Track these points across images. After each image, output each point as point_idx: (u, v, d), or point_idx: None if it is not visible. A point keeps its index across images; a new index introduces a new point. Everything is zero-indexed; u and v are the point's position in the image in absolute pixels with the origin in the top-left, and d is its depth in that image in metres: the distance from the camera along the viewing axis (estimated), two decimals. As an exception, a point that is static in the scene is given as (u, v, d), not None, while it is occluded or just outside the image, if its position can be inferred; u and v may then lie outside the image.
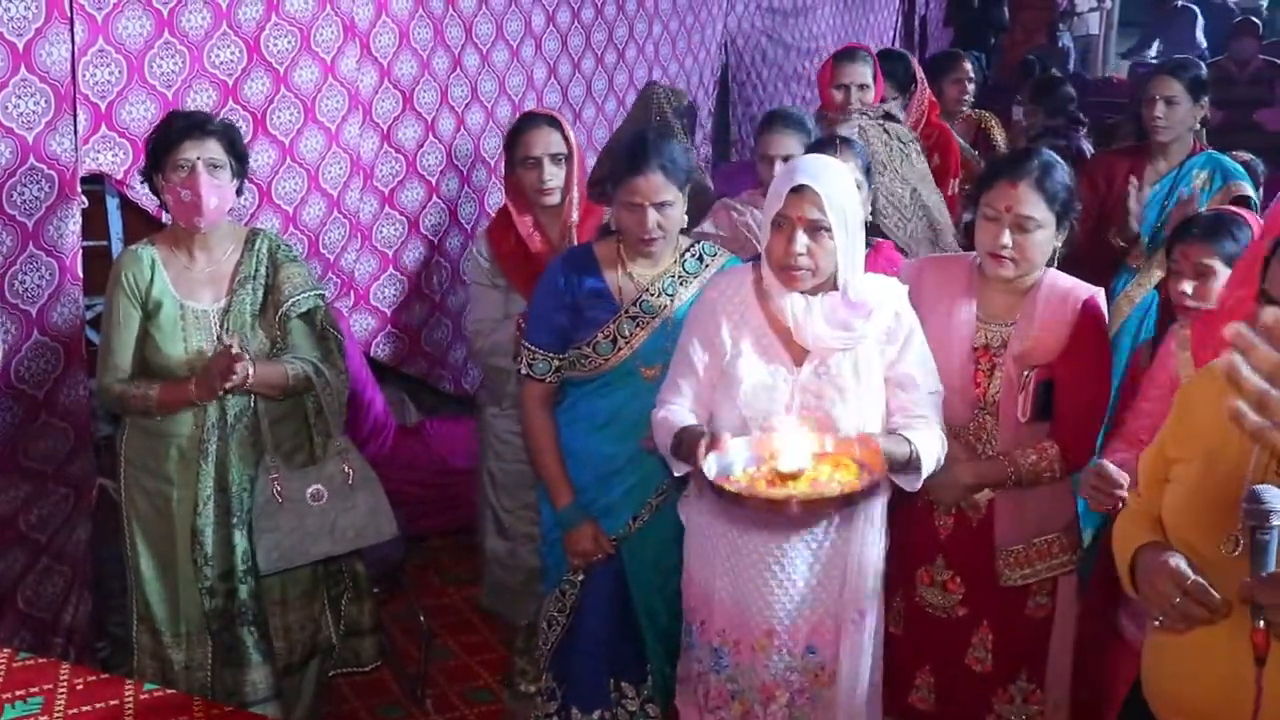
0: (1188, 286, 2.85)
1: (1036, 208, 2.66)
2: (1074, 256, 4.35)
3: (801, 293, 2.50)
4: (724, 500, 2.23)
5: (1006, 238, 2.66)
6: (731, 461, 2.26)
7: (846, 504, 2.28)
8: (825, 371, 2.52)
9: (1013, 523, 2.80)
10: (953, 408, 2.71)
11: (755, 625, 2.66)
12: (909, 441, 2.48)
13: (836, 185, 2.47)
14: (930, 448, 2.51)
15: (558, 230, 3.33)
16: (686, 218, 2.87)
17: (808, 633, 2.65)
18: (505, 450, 3.45)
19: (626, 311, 2.82)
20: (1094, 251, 4.05)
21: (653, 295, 2.84)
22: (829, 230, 2.43)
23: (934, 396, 2.60)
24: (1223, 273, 2.79)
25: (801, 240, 2.44)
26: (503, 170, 3.57)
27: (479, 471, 3.60)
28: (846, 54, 4.45)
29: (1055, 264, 2.81)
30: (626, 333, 2.82)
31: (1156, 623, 1.88)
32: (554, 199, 3.29)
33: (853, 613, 2.64)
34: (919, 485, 2.55)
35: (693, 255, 2.92)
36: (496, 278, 3.34)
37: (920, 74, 4.88)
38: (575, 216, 3.32)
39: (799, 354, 2.54)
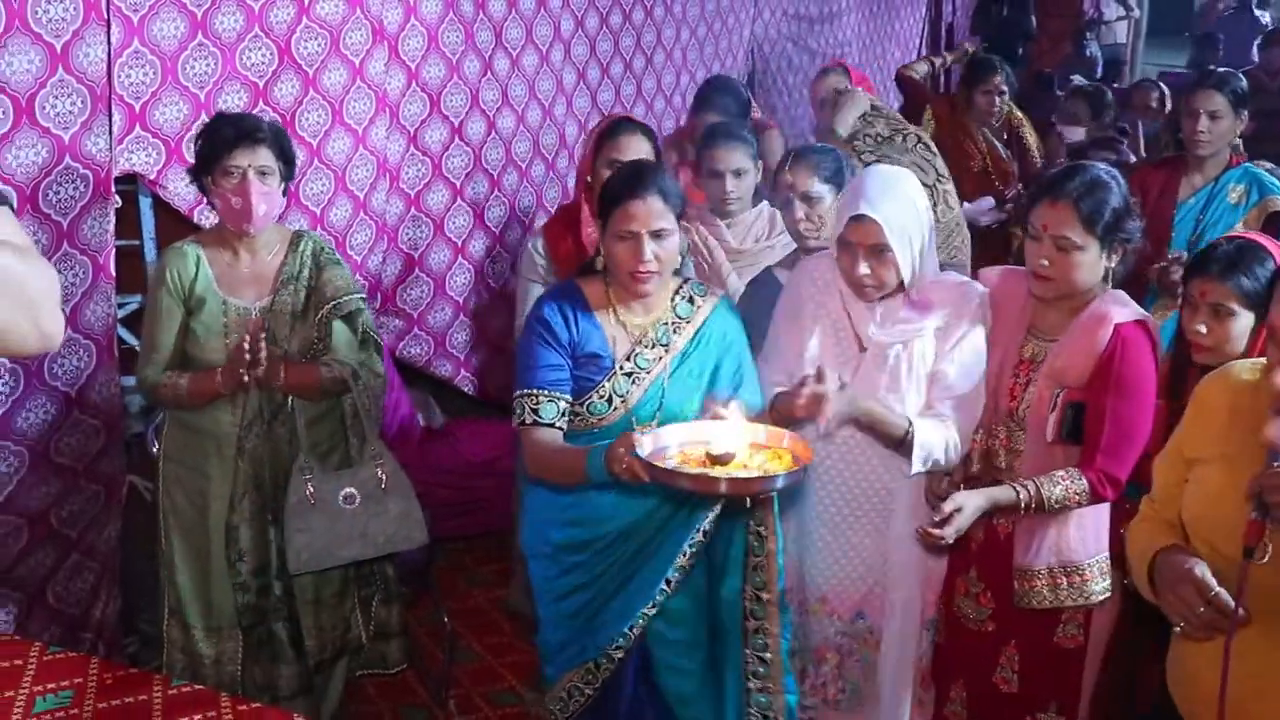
0: (1201, 327, 2.67)
1: (1074, 229, 2.55)
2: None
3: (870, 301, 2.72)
4: (655, 477, 2.22)
5: (1045, 259, 2.59)
6: (667, 444, 2.32)
7: (770, 486, 2.26)
8: (882, 361, 2.71)
9: (1029, 545, 2.70)
10: (995, 414, 2.72)
11: (811, 590, 2.88)
12: (909, 422, 2.62)
13: (895, 208, 2.63)
14: (929, 438, 2.62)
15: None
16: (680, 257, 2.67)
17: (858, 600, 2.85)
18: None
19: (621, 367, 2.57)
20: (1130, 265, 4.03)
21: (646, 347, 2.59)
22: (891, 249, 2.61)
23: (964, 400, 2.65)
24: (1242, 315, 2.62)
25: (863, 265, 2.64)
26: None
27: (517, 471, 3.57)
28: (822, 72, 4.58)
29: (1110, 283, 2.68)
30: (623, 391, 2.57)
31: (1177, 629, 1.87)
32: None
33: (899, 584, 2.81)
34: (914, 471, 2.65)
35: (683, 298, 2.66)
36: (550, 275, 3.32)
37: None
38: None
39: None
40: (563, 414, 2.54)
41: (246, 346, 2.77)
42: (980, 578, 2.81)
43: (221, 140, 2.83)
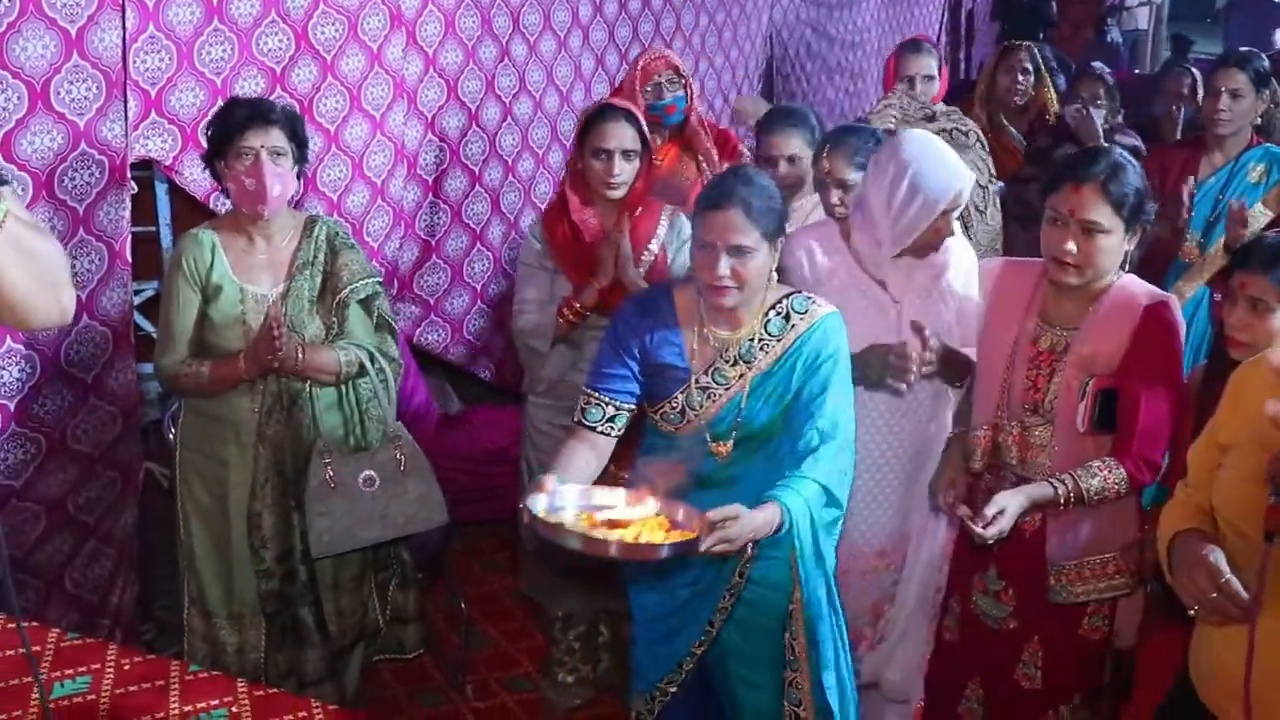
0: (1237, 319, 2.57)
1: (1102, 213, 2.50)
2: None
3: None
4: (547, 536, 2.19)
5: (1071, 245, 2.52)
6: (563, 505, 2.30)
7: (662, 553, 2.18)
8: (917, 306, 2.89)
9: (1066, 539, 2.66)
10: (1004, 409, 2.68)
11: (865, 553, 2.98)
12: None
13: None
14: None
15: (613, 220, 3.25)
16: (775, 275, 2.56)
17: (901, 543, 3.02)
18: (542, 440, 3.37)
19: (697, 381, 2.53)
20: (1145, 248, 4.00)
21: (727, 363, 2.53)
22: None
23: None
24: None
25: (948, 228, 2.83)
26: (568, 156, 3.51)
27: (520, 459, 3.57)
28: (911, 45, 4.45)
29: (1128, 268, 2.66)
30: (696, 404, 2.53)
31: (1191, 613, 1.86)
32: (619, 193, 3.20)
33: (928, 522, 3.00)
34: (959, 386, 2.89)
35: (778, 313, 2.54)
36: (546, 260, 3.28)
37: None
38: (638, 212, 3.26)
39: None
40: (610, 419, 2.55)
41: (275, 332, 2.77)
42: (1001, 575, 2.76)
43: (234, 122, 2.83)
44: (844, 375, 2.55)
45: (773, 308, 2.55)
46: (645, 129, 3.21)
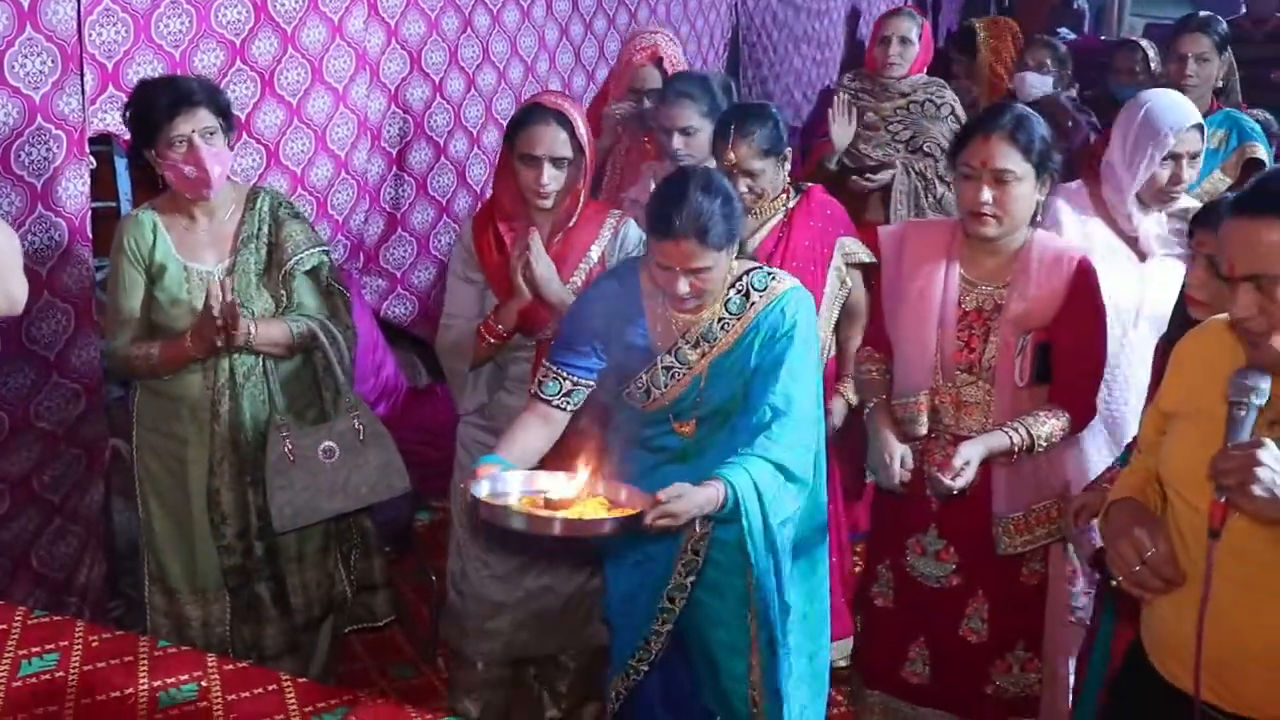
0: (1195, 279, 2.58)
1: (1012, 159, 2.60)
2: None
3: None
4: (491, 519, 2.21)
5: (986, 194, 2.61)
6: (507, 490, 2.31)
7: (607, 529, 2.21)
8: None
9: (1013, 491, 2.75)
10: (939, 371, 2.74)
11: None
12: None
13: None
14: None
15: (548, 231, 2.96)
16: (734, 266, 2.53)
17: None
18: (472, 462, 2.95)
19: (660, 361, 2.54)
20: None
21: (689, 344, 2.53)
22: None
23: None
24: None
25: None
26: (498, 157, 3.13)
27: (451, 485, 3.26)
28: (893, 10, 4.55)
29: (1038, 220, 2.75)
30: (661, 385, 2.55)
31: (1114, 583, 1.89)
32: (548, 203, 2.89)
33: None
34: None
35: (738, 291, 2.52)
36: (473, 271, 3.03)
37: None
38: (573, 221, 2.96)
39: None
40: (566, 394, 2.55)
41: (215, 308, 2.73)
42: (942, 534, 2.83)
43: (158, 110, 2.76)
44: (802, 350, 2.51)
45: (733, 285, 2.53)
46: (581, 131, 2.88)
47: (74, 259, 3.07)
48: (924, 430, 2.76)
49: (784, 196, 3.25)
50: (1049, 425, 2.65)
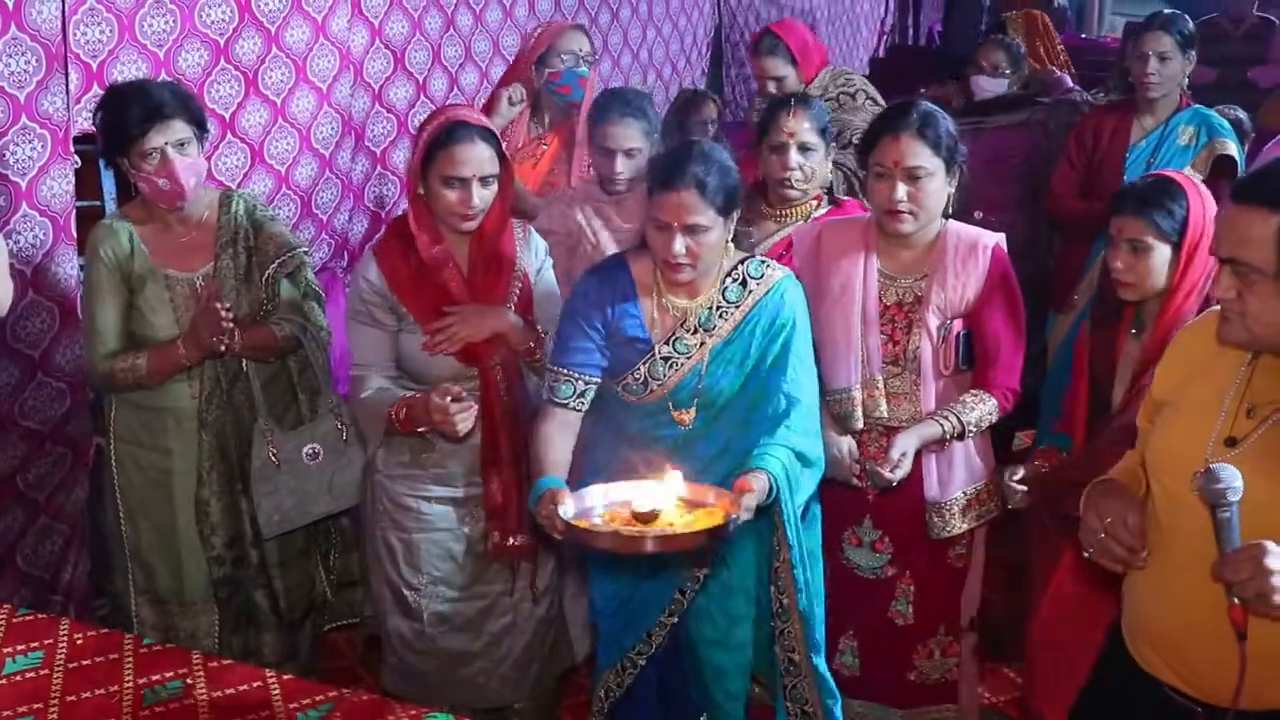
0: (1120, 263, 2.61)
1: (923, 156, 2.65)
2: (1059, 217, 4.34)
3: None
4: (581, 540, 2.20)
5: (900, 192, 2.66)
6: (591, 505, 2.28)
7: (700, 540, 2.16)
8: None
9: (945, 477, 2.84)
10: (866, 366, 2.79)
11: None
12: None
13: None
14: None
15: (468, 246, 2.80)
16: (731, 244, 2.56)
17: None
18: (406, 519, 2.88)
19: (658, 351, 2.56)
20: (1083, 213, 4.07)
21: (687, 332, 2.55)
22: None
23: None
24: (1159, 248, 2.56)
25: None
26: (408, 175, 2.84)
27: (369, 541, 3.01)
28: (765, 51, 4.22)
29: (951, 213, 2.78)
30: (660, 374, 2.56)
31: (1085, 554, 1.94)
32: (474, 225, 2.73)
33: None
34: None
35: (735, 280, 2.57)
36: (380, 312, 2.77)
37: None
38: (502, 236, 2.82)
39: None
40: (580, 395, 2.58)
41: (218, 308, 2.73)
42: (877, 524, 2.90)
43: (130, 122, 2.71)
44: (805, 337, 2.60)
45: (729, 274, 2.57)
46: (503, 146, 2.77)
47: (59, 258, 3.07)
48: (860, 424, 2.82)
49: (815, 203, 3.12)
50: (978, 411, 2.74)
